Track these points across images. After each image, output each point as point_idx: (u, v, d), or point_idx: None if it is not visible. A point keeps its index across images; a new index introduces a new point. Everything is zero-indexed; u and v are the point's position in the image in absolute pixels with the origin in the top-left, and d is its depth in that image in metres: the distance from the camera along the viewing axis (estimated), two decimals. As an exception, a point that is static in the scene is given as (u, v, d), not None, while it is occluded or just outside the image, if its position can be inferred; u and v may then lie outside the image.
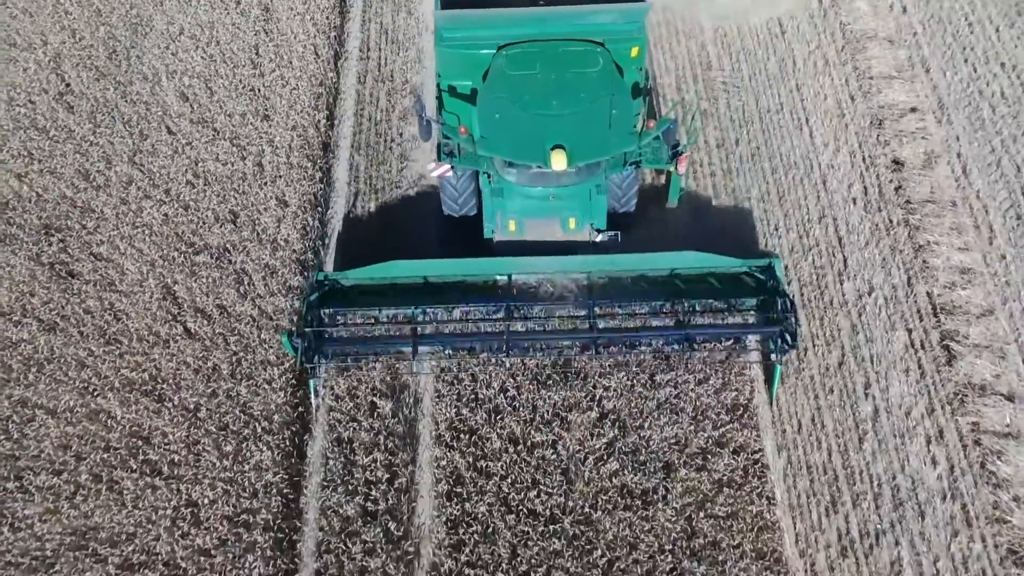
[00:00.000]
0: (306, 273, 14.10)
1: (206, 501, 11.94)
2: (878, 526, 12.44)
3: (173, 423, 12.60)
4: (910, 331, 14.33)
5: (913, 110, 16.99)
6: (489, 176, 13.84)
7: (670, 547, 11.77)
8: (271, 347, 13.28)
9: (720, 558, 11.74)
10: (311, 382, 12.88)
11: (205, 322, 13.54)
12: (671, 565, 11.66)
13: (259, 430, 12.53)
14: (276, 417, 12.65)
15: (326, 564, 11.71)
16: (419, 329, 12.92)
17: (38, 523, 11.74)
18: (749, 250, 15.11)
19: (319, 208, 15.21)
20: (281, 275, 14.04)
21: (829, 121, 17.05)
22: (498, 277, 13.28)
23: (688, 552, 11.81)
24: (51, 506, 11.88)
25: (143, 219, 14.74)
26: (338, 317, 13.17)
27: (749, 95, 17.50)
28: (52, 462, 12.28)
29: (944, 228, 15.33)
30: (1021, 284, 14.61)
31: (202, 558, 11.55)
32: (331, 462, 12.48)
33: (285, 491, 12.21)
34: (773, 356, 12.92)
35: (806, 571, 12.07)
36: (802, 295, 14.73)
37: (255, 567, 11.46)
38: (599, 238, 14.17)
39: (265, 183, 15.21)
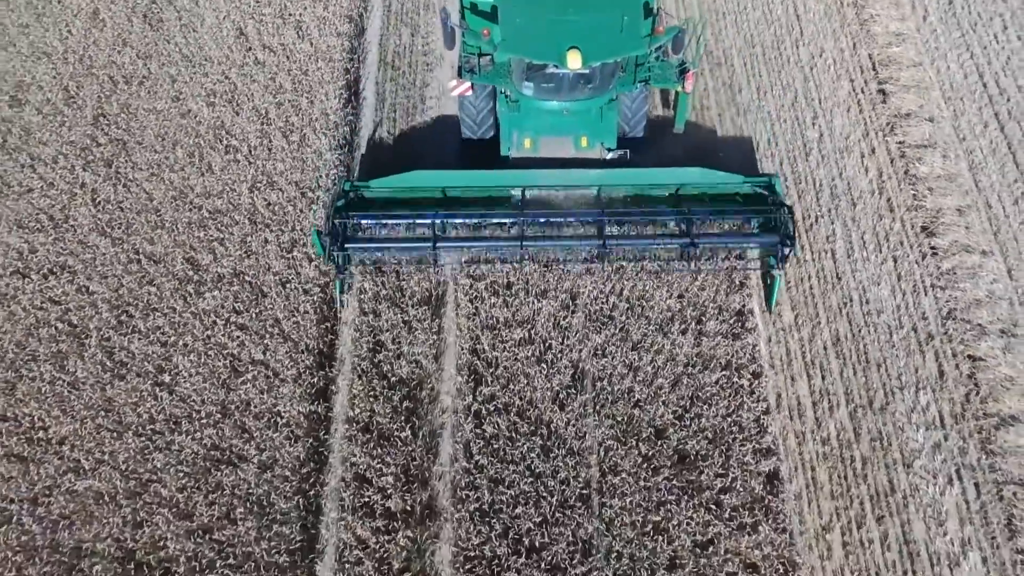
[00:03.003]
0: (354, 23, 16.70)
1: (278, 171, 14.52)
2: (818, 212, 15.03)
3: (248, 121, 15.14)
4: (852, 81, 16.80)
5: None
6: (507, 95, 14.15)
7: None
8: (324, 72, 15.79)
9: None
10: (336, 284, 13.11)
11: (271, 54, 16.06)
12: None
13: (317, 127, 15.08)
14: (331, 117, 15.19)
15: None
16: (438, 234, 12.97)
17: (146, 183, 14.40)
18: (717, 27, 17.65)
19: (361, -20, 17.78)
20: (332, 23, 16.53)
21: (792, -68, 19.48)
22: (513, 191, 13.49)
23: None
24: (155, 173, 14.51)
25: (217, -16, 17.34)
26: (362, 223, 13.13)
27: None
28: (152, 145, 14.89)
29: (885, 4, 17.79)
30: (947, 48, 17.09)
31: (277, 208, 14.17)
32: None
33: (339, 168, 14.80)
34: (773, 269, 13.22)
35: (757, 239, 14.66)
36: (763, 54, 17.22)
37: (319, 214, 14.10)
38: (609, 155, 14.63)
39: (317, -38, 17.75)
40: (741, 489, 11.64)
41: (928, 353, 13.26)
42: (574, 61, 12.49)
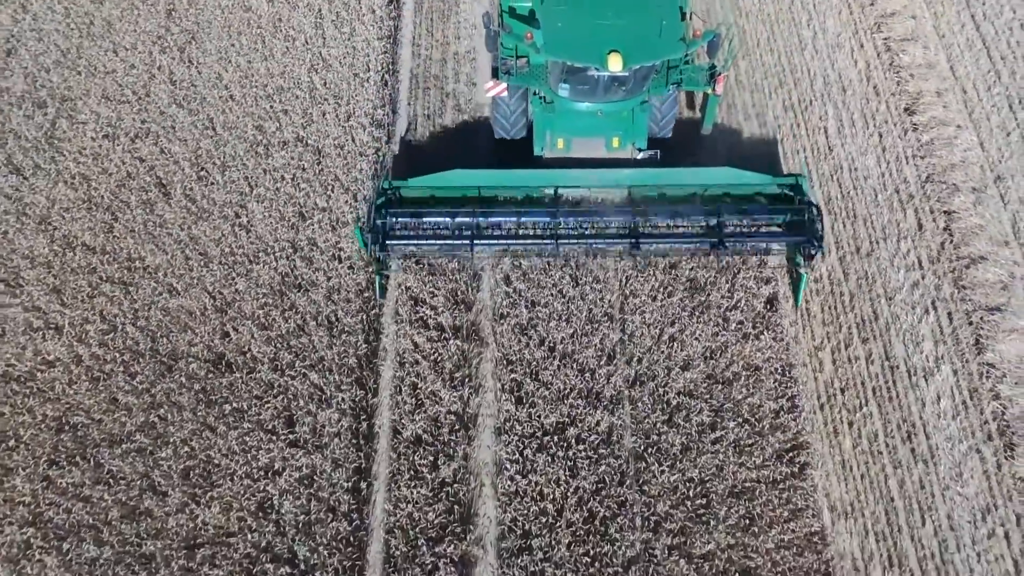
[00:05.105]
0: None
1: (332, 56, 16.04)
2: (811, 97, 16.55)
3: (304, 15, 16.62)
4: (844, -12, 18.40)
5: None
6: (542, 98, 14.24)
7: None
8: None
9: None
10: (376, 279, 13.33)
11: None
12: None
13: (365, 21, 16.58)
14: (377, 12, 16.68)
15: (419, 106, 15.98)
16: (475, 231, 13.08)
17: (215, 65, 15.89)
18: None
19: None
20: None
21: None
22: (546, 189, 13.60)
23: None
24: (223, 57, 15.97)
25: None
26: (401, 220, 13.19)
27: None
28: (219, 35, 16.34)
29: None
30: (929, -34, 18.66)
31: (332, 85, 15.63)
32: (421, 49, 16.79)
33: (385, 55, 16.34)
34: (801, 267, 13.37)
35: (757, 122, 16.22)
36: (764, -32, 18.78)
37: (370, 91, 15.66)
38: (640, 156, 14.63)
39: None
40: (745, 307, 13.20)
41: (908, 210, 14.80)
42: (615, 64, 12.52)
